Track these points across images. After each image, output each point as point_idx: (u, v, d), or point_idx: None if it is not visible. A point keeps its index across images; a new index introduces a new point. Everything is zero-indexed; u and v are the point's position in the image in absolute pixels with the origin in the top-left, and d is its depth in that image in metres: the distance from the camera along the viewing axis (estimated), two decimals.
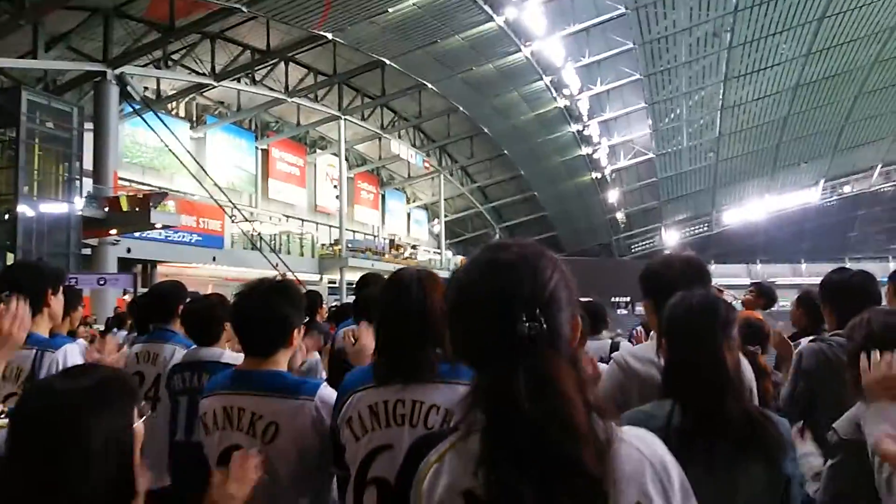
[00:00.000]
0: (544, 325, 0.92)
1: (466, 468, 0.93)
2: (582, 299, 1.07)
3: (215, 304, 2.98)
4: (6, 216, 16.48)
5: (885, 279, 2.85)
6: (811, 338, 2.70)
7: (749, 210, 51.14)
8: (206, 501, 1.24)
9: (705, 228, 52.37)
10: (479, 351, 0.96)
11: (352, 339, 2.16)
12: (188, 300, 3.34)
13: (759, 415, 1.53)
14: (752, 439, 1.46)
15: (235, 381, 1.93)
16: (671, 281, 1.87)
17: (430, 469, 0.99)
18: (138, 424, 1.22)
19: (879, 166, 50.56)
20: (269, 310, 1.91)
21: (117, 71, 18.80)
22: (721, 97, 34.75)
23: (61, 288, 2.55)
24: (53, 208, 16.79)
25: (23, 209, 16.02)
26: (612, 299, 27.24)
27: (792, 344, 2.93)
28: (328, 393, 1.88)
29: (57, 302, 2.50)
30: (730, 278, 49.16)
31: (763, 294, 5.11)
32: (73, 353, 2.41)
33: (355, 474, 1.66)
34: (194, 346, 2.93)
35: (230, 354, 2.79)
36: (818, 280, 2.79)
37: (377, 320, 1.76)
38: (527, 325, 0.92)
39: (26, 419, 1.15)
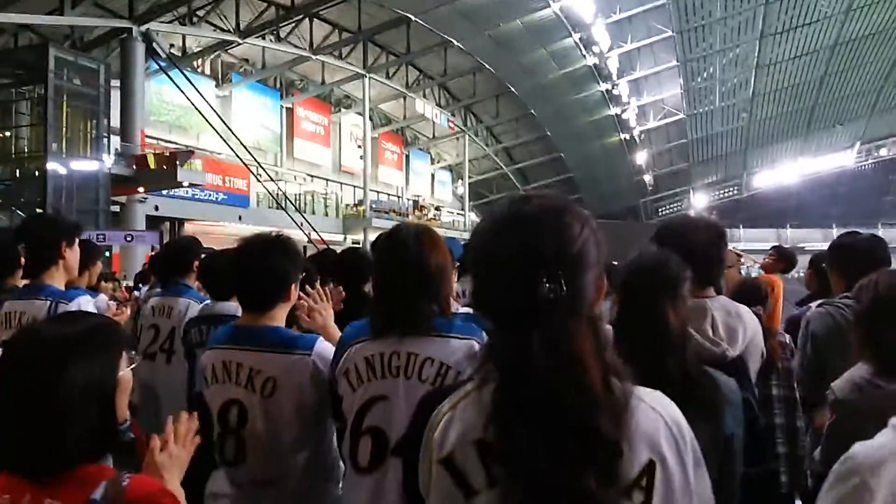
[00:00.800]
0: (564, 288, 0.90)
1: (479, 418, 0.93)
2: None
3: (231, 259, 2.99)
4: (36, 173, 16.76)
5: None
6: (819, 302, 2.66)
7: (781, 173, 50.03)
8: (143, 466, 1.26)
9: (735, 192, 51.46)
10: (499, 309, 0.95)
11: (306, 315, 2.12)
12: (203, 256, 3.38)
13: (698, 374, 1.52)
14: (692, 398, 1.45)
15: (234, 336, 1.95)
16: (691, 243, 1.86)
17: (443, 418, 0.98)
18: (125, 372, 1.25)
19: None
20: (266, 265, 1.92)
21: (143, 28, 18.78)
22: (756, 55, 33.72)
23: (77, 241, 2.59)
24: (82, 166, 17.00)
25: (52, 167, 16.24)
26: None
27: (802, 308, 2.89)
28: (325, 347, 1.90)
29: (72, 254, 2.54)
30: (759, 243, 48.47)
31: (783, 257, 4.98)
32: (86, 305, 2.45)
33: (351, 424, 1.69)
34: (209, 301, 2.98)
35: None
36: None
37: (374, 273, 1.77)
38: (547, 287, 0.90)
39: (10, 362, 1.19)
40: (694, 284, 1.72)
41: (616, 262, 1.70)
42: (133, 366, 1.29)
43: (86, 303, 2.47)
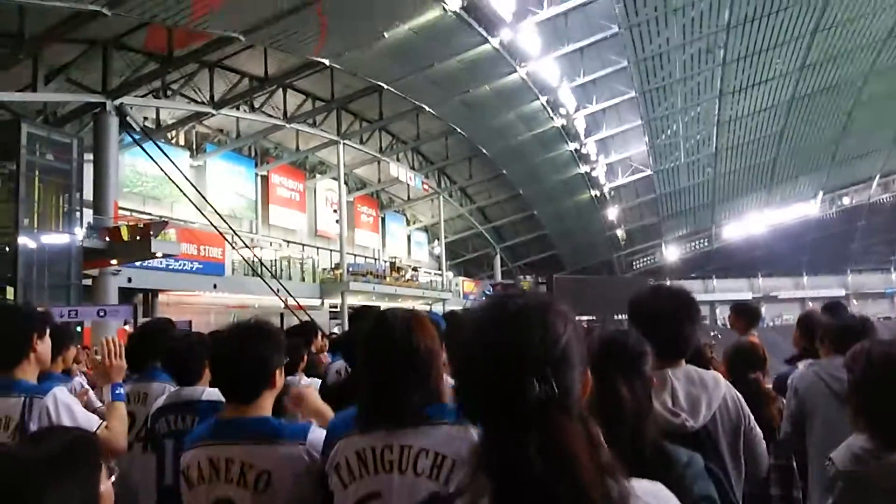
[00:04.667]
0: (556, 388, 0.89)
1: None
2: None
3: (194, 342, 2.93)
4: (6, 249, 16.48)
5: (889, 290, 2.83)
6: (809, 362, 2.67)
7: (749, 224, 51.19)
8: None
9: (706, 244, 52.38)
10: (487, 411, 0.93)
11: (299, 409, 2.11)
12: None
13: (653, 452, 1.49)
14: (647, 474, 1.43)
15: (220, 431, 1.86)
16: (659, 312, 1.85)
17: None
18: (106, 486, 1.20)
19: (878, 177, 50.66)
20: (247, 353, 1.85)
21: (116, 102, 18.92)
22: (717, 112, 34.95)
23: (48, 330, 2.51)
24: (54, 240, 16.78)
25: (23, 241, 16.01)
26: (615, 317, 27.17)
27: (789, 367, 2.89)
28: (318, 435, 1.83)
29: (44, 346, 2.46)
30: (732, 293, 49.22)
31: (743, 314, 4.72)
32: (62, 396, 2.36)
33: None
34: (176, 388, 2.89)
35: (209, 391, 2.73)
36: (821, 293, 2.77)
37: (360, 363, 1.73)
38: (537, 387, 0.89)
39: None
40: (661, 355, 1.71)
41: (595, 318, 1.70)
42: (112, 478, 1.24)
43: (61, 393, 2.38)
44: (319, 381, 3.55)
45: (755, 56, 30.51)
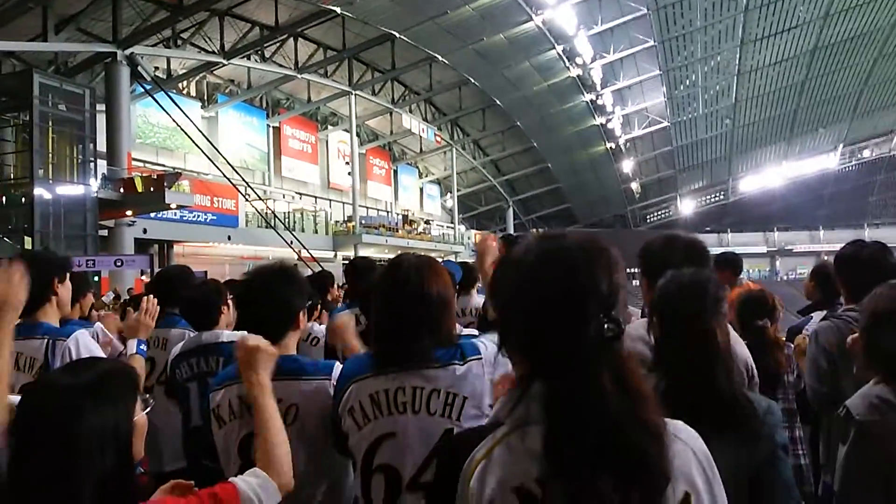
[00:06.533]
0: (623, 325, 0.92)
1: (518, 464, 0.92)
2: None
3: (211, 290, 3.02)
4: (23, 200, 16.63)
5: None
6: (823, 314, 2.66)
7: (766, 177, 50.51)
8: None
9: (722, 197, 51.84)
10: (551, 348, 0.93)
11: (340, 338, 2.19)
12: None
13: (743, 397, 1.51)
14: (732, 420, 1.44)
15: None
16: (671, 263, 1.84)
17: (478, 466, 0.96)
18: (140, 416, 1.26)
19: None
20: (272, 296, 1.90)
21: (127, 51, 18.75)
22: (737, 62, 34.14)
23: (68, 275, 2.55)
24: (69, 191, 16.90)
25: (39, 192, 16.14)
26: (628, 270, 27.22)
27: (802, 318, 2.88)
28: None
29: (64, 290, 2.51)
30: (747, 247, 48.87)
31: (726, 265, 4.39)
32: (84, 339, 2.42)
33: (361, 463, 1.66)
34: (195, 333, 2.95)
35: (228, 333, 2.80)
36: (837, 247, 2.73)
37: (374, 308, 1.75)
38: (606, 325, 0.91)
39: (29, 415, 1.18)
40: None
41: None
42: (148, 409, 1.29)
43: (83, 337, 2.44)
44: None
45: (778, 2, 29.58)
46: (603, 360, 0.90)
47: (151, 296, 2.77)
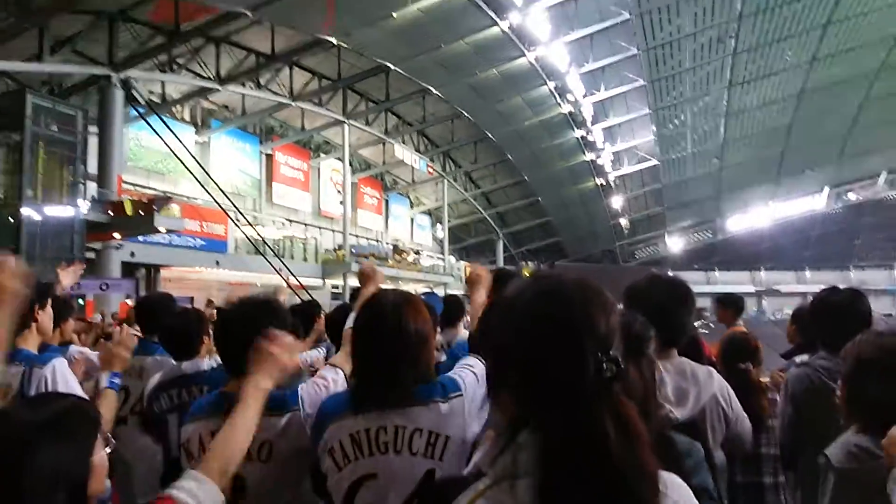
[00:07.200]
0: (622, 365, 0.91)
1: None
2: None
3: (192, 318, 2.97)
4: (10, 220, 16.49)
5: (892, 288, 2.79)
6: (799, 361, 2.67)
7: (754, 217, 51.02)
8: None
9: (709, 235, 52.25)
10: (549, 388, 0.91)
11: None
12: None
13: (663, 439, 1.51)
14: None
15: (222, 405, 1.84)
16: (652, 300, 1.85)
17: None
18: (100, 455, 1.22)
19: (885, 173, 50.32)
20: (251, 328, 1.84)
21: (122, 75, 18.84)
22: (725, 103, 34.67)
23: (49, 301, 2.53)
24: (57, 212, 16.76)
25: (27, 213, 16.01)
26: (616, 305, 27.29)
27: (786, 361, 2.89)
28: (306, 392, 1.86)
29: (45, 316, 2.48)
30: (734, 285, 49.07)
31: (728, 305, 4.70)
32: (61, 368, 2.39)
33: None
34: (174, 364, 2.90)
35: (208, 363, 2.77)
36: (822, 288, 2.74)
37: (353, 344, 1.73)
38: (605, 364, 0.90)
39: None
40: (656, 345, 1.71)
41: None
42: (108, 449, 1.26)
43: (60, 365, 2.40)
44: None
45: (766, 47, 30.20)
46: (603, 401, 0.89)
47: (125, 325, 2.72)
